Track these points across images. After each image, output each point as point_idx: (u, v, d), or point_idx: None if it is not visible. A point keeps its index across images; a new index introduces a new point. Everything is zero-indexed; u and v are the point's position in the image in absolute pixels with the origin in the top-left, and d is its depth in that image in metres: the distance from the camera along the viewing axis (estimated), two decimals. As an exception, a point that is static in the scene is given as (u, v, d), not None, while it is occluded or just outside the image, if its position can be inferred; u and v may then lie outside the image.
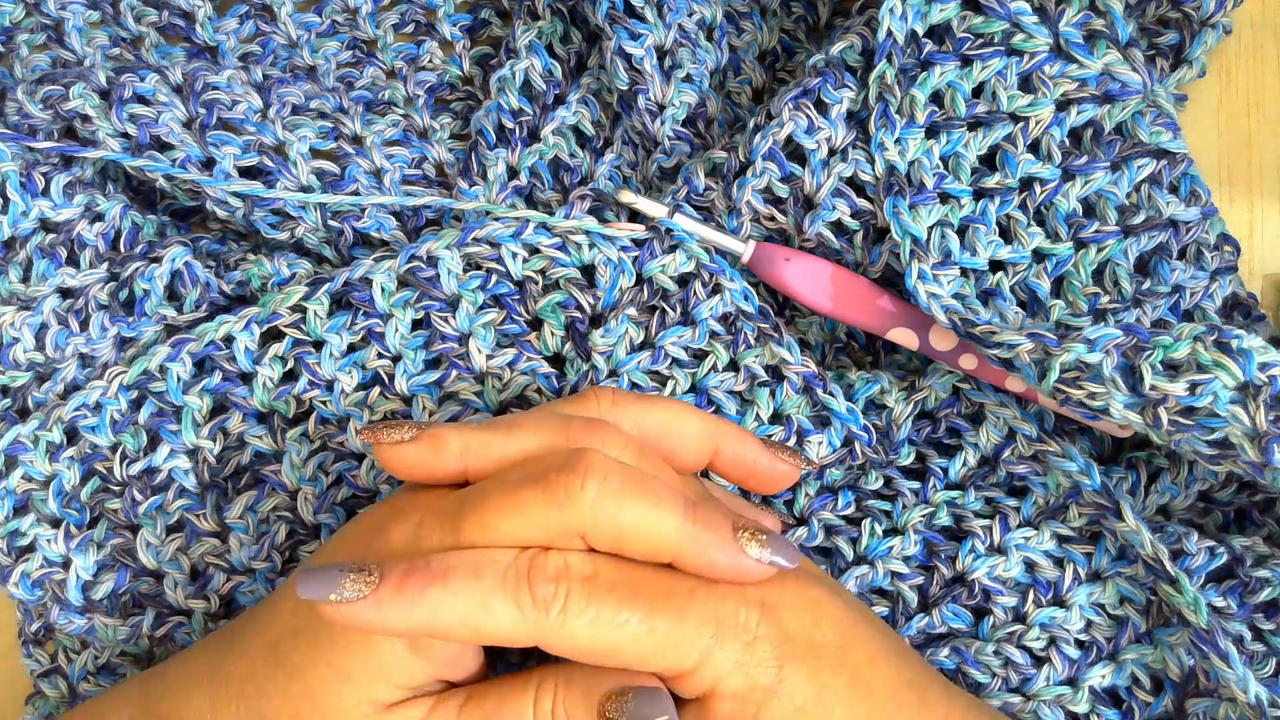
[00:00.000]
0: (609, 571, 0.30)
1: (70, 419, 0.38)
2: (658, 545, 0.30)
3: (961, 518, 0.39)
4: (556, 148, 0.42)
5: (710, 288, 0.39)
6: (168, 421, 0.39)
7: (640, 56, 0.40)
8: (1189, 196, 0.38)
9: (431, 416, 0.39)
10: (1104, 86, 0.37)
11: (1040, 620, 0.37)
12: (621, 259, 0.39)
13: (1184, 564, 0.36)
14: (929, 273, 0.37)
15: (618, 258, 0.39)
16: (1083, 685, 0.37)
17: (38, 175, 0.39)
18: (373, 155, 0.42)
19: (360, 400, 0.39)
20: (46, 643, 0.40)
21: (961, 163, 0.38)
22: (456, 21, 0.44)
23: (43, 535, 0.38)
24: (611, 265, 0.39)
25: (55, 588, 0.38)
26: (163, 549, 0.39)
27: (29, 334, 0.39)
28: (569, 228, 0.39)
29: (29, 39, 0.43)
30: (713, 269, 0.39)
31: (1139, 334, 0.34)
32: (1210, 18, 0.39)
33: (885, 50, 0.38)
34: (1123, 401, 0.34)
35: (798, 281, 0.39)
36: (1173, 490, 0.39)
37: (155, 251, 0.41)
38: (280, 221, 0.41)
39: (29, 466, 0.38)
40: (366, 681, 0.30)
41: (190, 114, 0.40)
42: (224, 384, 0.39)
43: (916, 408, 0.39)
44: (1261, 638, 0.35)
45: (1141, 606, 0.37)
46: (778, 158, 0.38)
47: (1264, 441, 0.32)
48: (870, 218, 0.39)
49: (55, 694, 0.39)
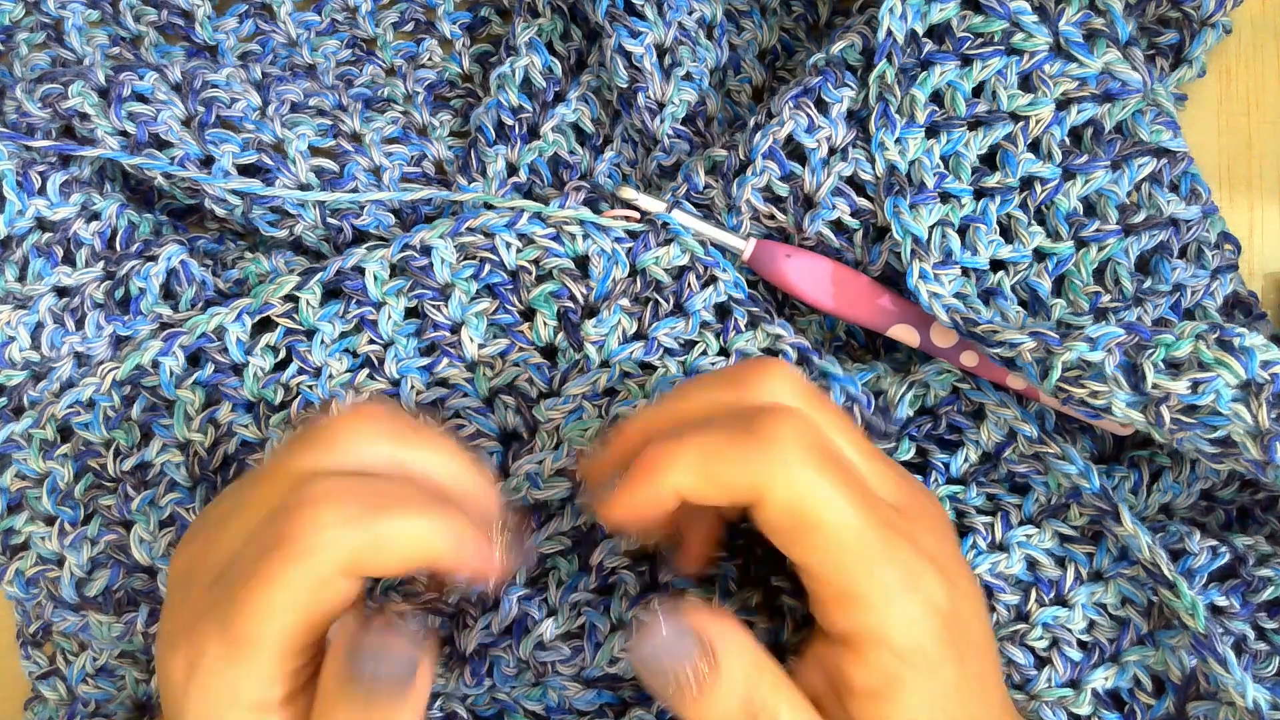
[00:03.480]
0: None
1: (63, 416, 0.38)
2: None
3: (963, 513, 0.39)
4: (556, 145, 0.42)
5: (704, 280, 0.39)
6: (160, 416, 0.39)
7: (640, 54, 0.40)
8: (1189, 195, 0.38)
9: (419, 397, 0.39)
10: (1104, 85, 0.37)
11: (1043, 620, 0.37)
12: (615, 250, 0.39)
13: (1186, 563, 0.36)
14: (930, 272, 0.37)
15: (612, 249, 0.39)
16: (1085, 687, 0.37)
17: (34, 174, 0.39)
18: (372, 153, 0.42)
19: (347, 381, 0.39)
20: (45, 644, 0.40)
21: (962, 162, 0.38)
22: (456, 19, 0.44)
23: (37, 533, 0.38)
24: (605, 256, 0.39)
25: (49, 585, 0.38)
26: (155, 544, 0.38)
27: (25, 333, 0.39)
28: (563, 217, 0.39)
29: (28, 37, 0.43)
30: (707, 261, 0.39)
31: (1141, 332, 0.34)
32: (1210, 17, 0.39)
33: (885, 50, 0.38)
34: (1125, 400, 0.33)
35: (799, 278, 0.39)
36: (1175, 489, 0.38)
37: (151, 250, 0.40)
38: (279, 219, 0.41)
39: (23, 464, 0.38)
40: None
41: (189, 112, 0.40)
42: (216, 375, 0.39)
43: (911, 389, 0.39)
44: (1265, 637, 0.35)
45: (1143, 608, 0.37)
46: (778, 156, 0.38)
47: (1266, 439, 0.32)
48: (870, 216, 0.38)
49: (54, 696, 0.39)
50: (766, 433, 0.29)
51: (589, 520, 0.39)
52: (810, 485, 0.28)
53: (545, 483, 0.38)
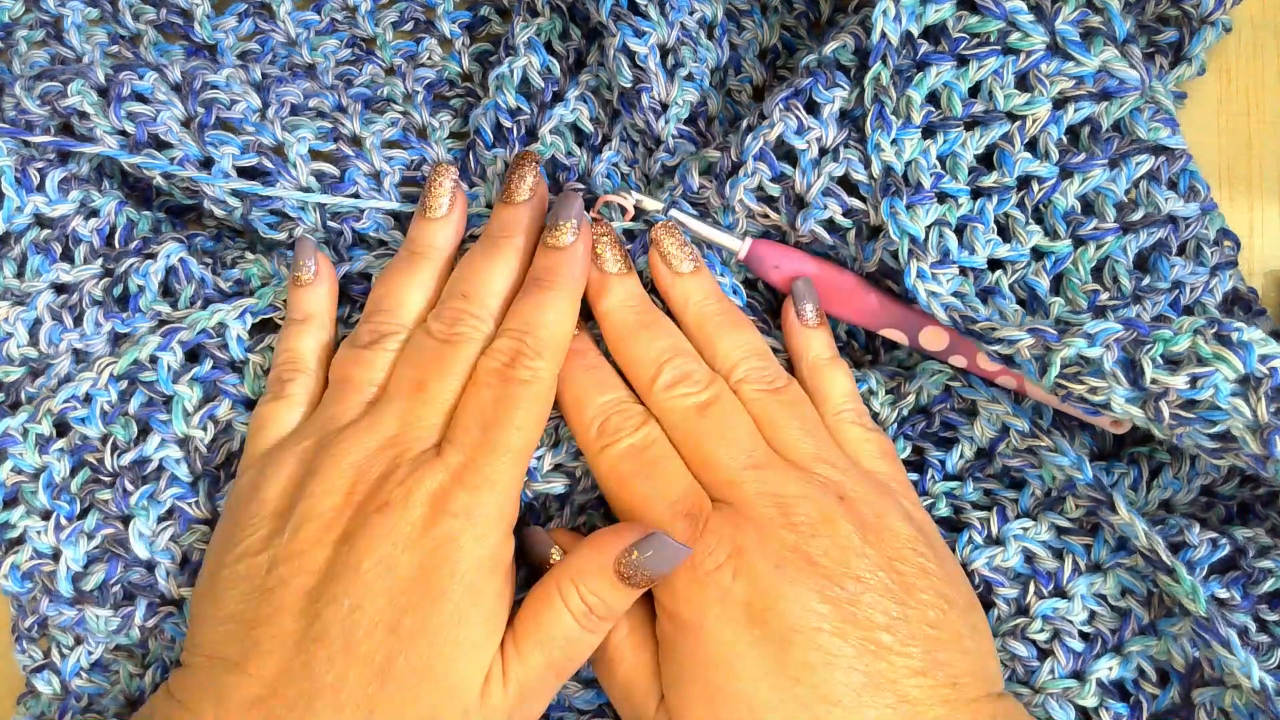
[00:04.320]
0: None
1: (60, 411, 0.38)
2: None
3: (960, 509, 0.39)
4: (554, 147, 0.42)
5: None
6: (158, 411, 0.39)
7: (644, 54, 0.40)
8: (1188, 192, 0.38)
9: None
10: (1101, 84, 0.37)
11: (1042, 612, 0.37)
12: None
13: (1186, 555, 0.36)
14: (928, 271, 0.37)
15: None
16: (1090, 678, 0.36)
17: (33, 171, 0.39)
18: (372, 158, 0.42)
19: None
20: (40, 639, 0.39)
21: (959, 162, 0.38)
22: (456, 19, 0.44)
23: (33, 527, 0.38)
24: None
25: (45, 579, 0.38)
26: (155, 539, 0.38)
27: (23, 329, 0.39)
28: None
29: (28, 35, 0.43)
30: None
31: (1139, 328, 0.33)
32: (1209, 15, 0.39)
33: (879, 52, 0.37)
34: (1124, 396, 0.33)
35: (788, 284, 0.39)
36: (1175, 485, 0.38)
37: (150, 247, 0.41)
38: (279, 222, 0.41)
39: (19, 459, 0.38)
40: None
41: (189, 113, 0.40)
42: (214, 372, 0.39)
43: (903, 412, 0.39)
44: (1266, 629, 0.35)
45: (1143, 598, 0.37)
46: (768, 158, 0.38)
47: (1265, 434, 0.31)
48: (863, 216, 0.38)
49: (49, 690, 0.39)
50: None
51: (588, 520, 0.39)
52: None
53: (544, 477, 0.38)
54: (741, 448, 0.35)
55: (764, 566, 0.33)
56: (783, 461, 0.35)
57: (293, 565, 0.32)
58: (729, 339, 0.37)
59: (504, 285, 0.37)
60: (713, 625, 0.33)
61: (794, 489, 0.34)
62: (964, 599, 0.35)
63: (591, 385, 0.37)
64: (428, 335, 0.36)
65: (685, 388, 0.36)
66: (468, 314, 0.36)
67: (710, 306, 0.38)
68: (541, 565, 0.36)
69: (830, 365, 0.39)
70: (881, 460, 0.37)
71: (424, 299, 0.38)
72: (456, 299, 0.37)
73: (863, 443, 0.37)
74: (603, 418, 0.36)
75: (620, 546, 0.33)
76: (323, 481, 0.33)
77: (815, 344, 0.39)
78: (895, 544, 0.34)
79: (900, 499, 0.36)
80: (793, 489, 0.34)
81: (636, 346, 0.37)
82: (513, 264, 0.37)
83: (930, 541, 0.35)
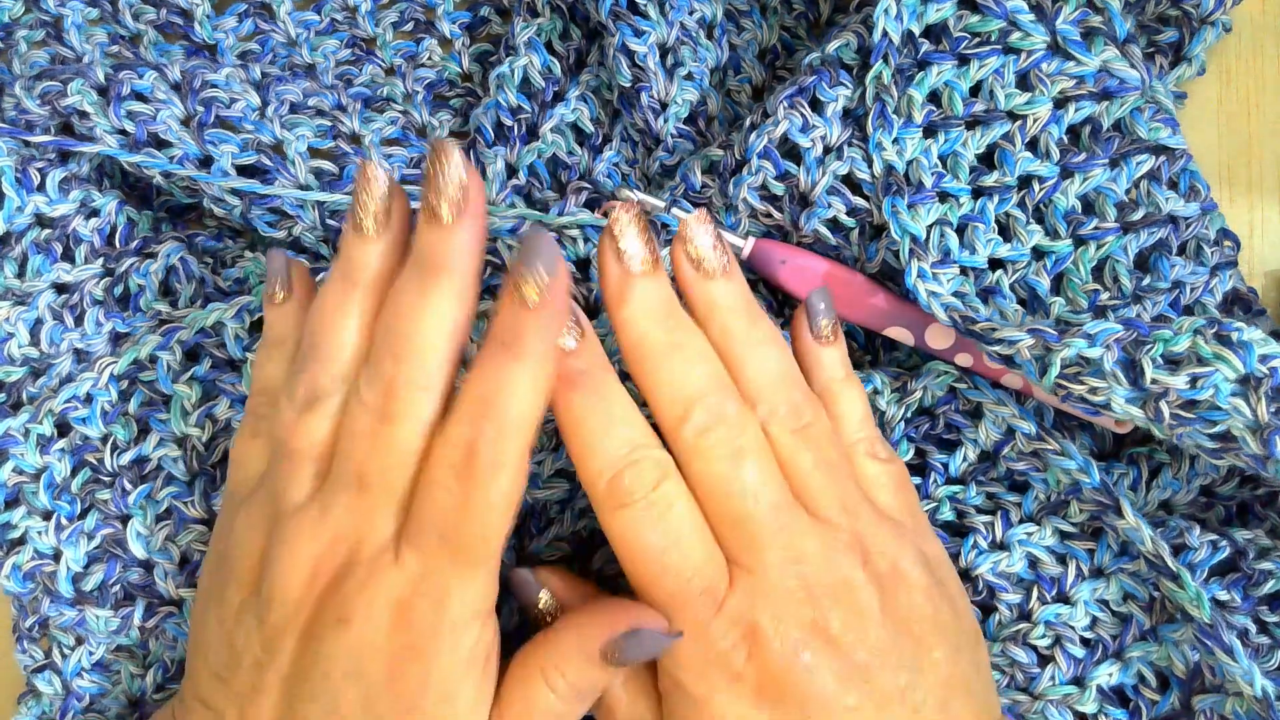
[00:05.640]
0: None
1: (61, 411, 0.38)
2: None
3: (964, 513, 0.39)
4: (555, 146, 0.42)
5: None
6: (157, 411, 0.39)
7: (644, 54, 0.40)
8: (1188, 192, 0.38)
9: None
10: (1102, 83, 0.37)
11: (1045, 617, 0.37)
12: None
13: (1187, 558, 0.36)
14: (929, 271, 0.37)
15: None
16: (1090, 684, 0.36)
17: (33, 170, 0.39)
18: (371, 155, 0.42)
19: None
20: (41, 639, 0.40)
21: (960, 161, 0.38)
22: (456, 19, 0.44)
23: (33, 527, 0.38)
24: None
25: (46, 580, 0.38)
26: (152, 538, 0.38)
27: (24, 329, 0.39)
28: (565, 223, 0.38)
29: (27, 35, 0.43)
30: None
31: (1139, 328, 0.34)
32: (1210, 15, 0.39)
33: (881, 51, 0.37)
34: (1124, 396, 0.33)
35: (794, 283, 0.39)
36: (1174, 485, 0.38)
37: (150, 247, 0.41)
38: (278, 220, 0.41)
39: (20, 459, 0.38)
40: None
41: (188, 111, 0.40)
42: (213, 371, 0.39)
43: (909, 410, 0.39)
44: (1266, 630, 0.35)
45: (1145, 603, 0.37)
46: (773, 156, 0.38)
47: (1266, 434, 0.31)
48: (867, 215, 0.38)
49: (50, 690, 0.39)
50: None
51: (588, 526, 0.39)
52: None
53: (545, 483, 0.38)
54: (771, 504, 0.31)
55: (780, 649, 0.30)
56: (807, 516, 0.32)
57: (269, 649, 0.30)
58: (757, 360, 0.33)
59: (443, 338, 0.30)
60: (721, 703, 0.31)
61: (815, 548, 0.31)
62: (969, 635, 0.33)
63: (599, 426, 0.31)
64: (362, 407, 0.30)
65: (719, 434, 0.31)
66: (403, 383, 0.30)
67: (739, 321, 0.33)
68: (529, 609, 0.34)
69: (844, 386, 0.36)
70: (896, 495, 0.35)
71: (361, 338, 0.32)
72: (387, 361, 0.30)
73: (877, 477, 0.35)
74: (613, 471, 0.31)
75: (607, 636, 0.31)
76: (282, 571, 0.30)
77: (828, 362, 0.36)
78: (910, 599, 0.32)
79: (914, 539, 0.34)
80: (814, 548, 0.31)
81: (663, 373, 0.32)
82: (453, 307, 0.30)
83: (941, 579, 0.33)
